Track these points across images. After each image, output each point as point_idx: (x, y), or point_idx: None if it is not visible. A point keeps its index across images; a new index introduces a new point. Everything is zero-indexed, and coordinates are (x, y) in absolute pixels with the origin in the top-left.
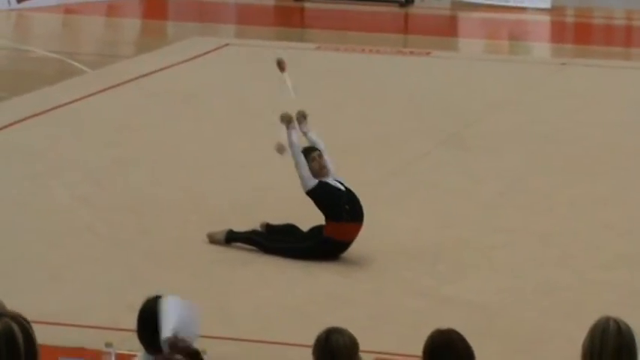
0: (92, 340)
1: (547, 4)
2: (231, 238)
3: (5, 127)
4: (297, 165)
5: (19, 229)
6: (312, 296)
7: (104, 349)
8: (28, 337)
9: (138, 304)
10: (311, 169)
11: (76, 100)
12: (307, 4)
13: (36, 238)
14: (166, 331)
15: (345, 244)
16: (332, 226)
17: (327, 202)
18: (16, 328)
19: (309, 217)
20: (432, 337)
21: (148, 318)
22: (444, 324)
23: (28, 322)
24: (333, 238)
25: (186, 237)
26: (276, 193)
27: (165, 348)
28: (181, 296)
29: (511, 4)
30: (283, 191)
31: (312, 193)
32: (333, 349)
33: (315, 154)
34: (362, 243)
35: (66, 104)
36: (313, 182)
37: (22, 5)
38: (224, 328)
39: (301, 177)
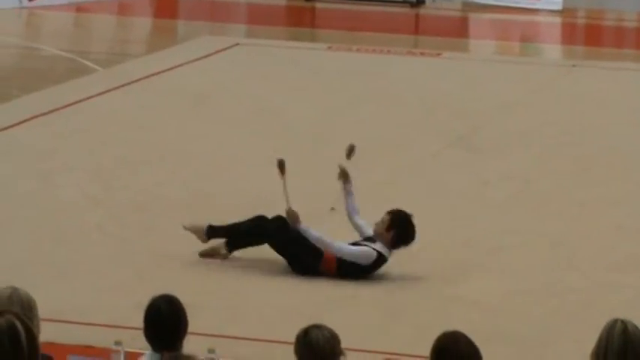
0: (101, 338)
1: (558, 6)
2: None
3: (16, 124)
4: (348, 254)
5: (28, 227)
6: (320, 296)
7: (113, 347)
8: (29, 332)
9: (146, 302)
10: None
11: (87, 99)
12: (318, 4)
13: (45, 236)
14: None
15: None
16: (331, 266)
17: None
18: (18, 324)
19: (318, 219)
20: (439, 339)
21: (154, 316)
22: (452, 325)
23: (27, 319)
24: (323, 270)
25: (194, 236)
26: (278, 197)
27: None
28: (188, 295)
29: (522, 5)
30: (292, 192)
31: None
32: (312, 345)
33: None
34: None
35: (76, 103)
36: (373, 255)
37: (33, 4)
38: (231, 327)
39: (363, 256)
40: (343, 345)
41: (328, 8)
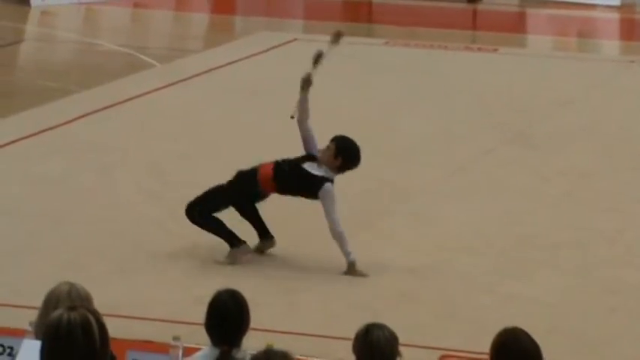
0: (160, 333)
1: (616, 2)
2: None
3: (75, 119)
4: (334, 203)
5: (87, 221)
6: (378, 292)
7: (172, 342)
8: (101, 326)
9: (205, 297)
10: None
11: (145, 94)
12: (376, 0)
13: (103, 231)
14: None
15: None
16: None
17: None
18: (91, 318)
19: (371, 220)
20: (500, 335)
21: (219, 310)
22: (510, 321)
23: (100, 314)
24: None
25: (252, 231)
26: (342, 187)
27: None
28: (245, 291)
29: (580, 0)
30: (350, 185)
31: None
32: (373, 344)
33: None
34: (427, 239)
35: (134, 98)
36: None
37: None
38: (289, 322)
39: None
40: (400, 341)
41: (385, 3)
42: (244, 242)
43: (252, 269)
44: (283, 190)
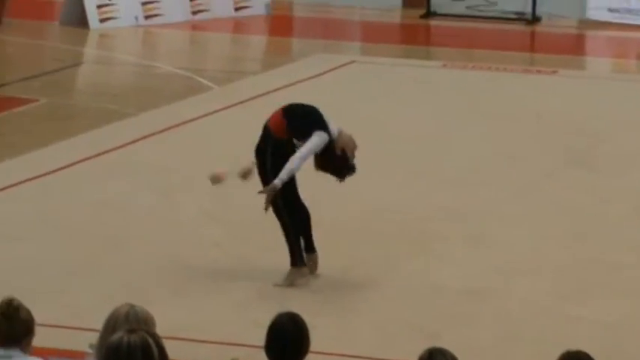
0: (219, 356)
1: None
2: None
3: (132, 142)
4: (313, 149)
5: (147, 243)
6: (435, 314)
7: None
8: (161, 349)
9: (263, 319)
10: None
11: (203, 116)
12: (433, 22)
13: (163, 252)
14: None
15: None
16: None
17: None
18: (150, 340)
19: (429, 242)
20: (563, 358)
21: (279, 333)
22: (571, 343)
23: (159, 337)
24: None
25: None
26: (398, 208)
27: None
28: (304, 312)
29: None
30: (406, 207)
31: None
32: None
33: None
34: (485, 261)
35: (193, 120)
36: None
37: (150, 22)
38: (347, 345)
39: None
40: None
41: (443, 25)
42: (305, 265)
43: (309, 291)
44: (293, 127)
